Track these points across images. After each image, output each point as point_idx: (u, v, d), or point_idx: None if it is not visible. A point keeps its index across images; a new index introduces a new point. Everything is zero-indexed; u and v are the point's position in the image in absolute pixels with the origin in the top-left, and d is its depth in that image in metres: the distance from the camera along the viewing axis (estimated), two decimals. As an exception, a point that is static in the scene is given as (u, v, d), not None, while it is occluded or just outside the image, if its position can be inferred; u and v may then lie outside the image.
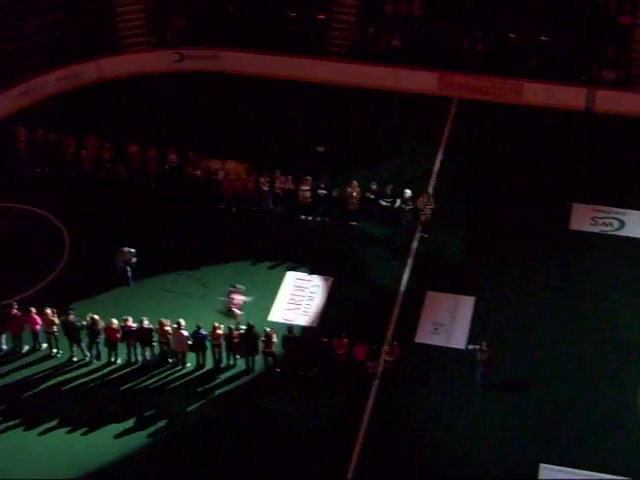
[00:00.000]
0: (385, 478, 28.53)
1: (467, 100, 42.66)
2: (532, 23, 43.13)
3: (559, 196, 37.55)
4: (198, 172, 37.60)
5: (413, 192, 35.89)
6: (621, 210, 36.82)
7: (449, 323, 32.65)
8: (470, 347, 30.62)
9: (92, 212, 37.37)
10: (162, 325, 30.97)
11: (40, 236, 36.45)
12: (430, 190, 37.14)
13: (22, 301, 32.85)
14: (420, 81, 43.16)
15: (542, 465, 28.41)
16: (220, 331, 30.87)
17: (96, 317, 31.11)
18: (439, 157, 39.51)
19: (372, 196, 36.13)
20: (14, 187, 38.35)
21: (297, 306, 33.42)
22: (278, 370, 31.13)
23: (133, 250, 34.19)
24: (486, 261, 35.06)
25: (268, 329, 30.91)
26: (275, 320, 32.69)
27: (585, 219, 36.57)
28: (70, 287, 33.95)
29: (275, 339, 30.69)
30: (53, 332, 31.48)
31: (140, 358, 31.58)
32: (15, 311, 31.49)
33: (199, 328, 30.88)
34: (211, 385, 30.98)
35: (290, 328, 31.20)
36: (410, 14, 44.33)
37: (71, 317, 31.14)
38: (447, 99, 42.85)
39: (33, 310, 31.41)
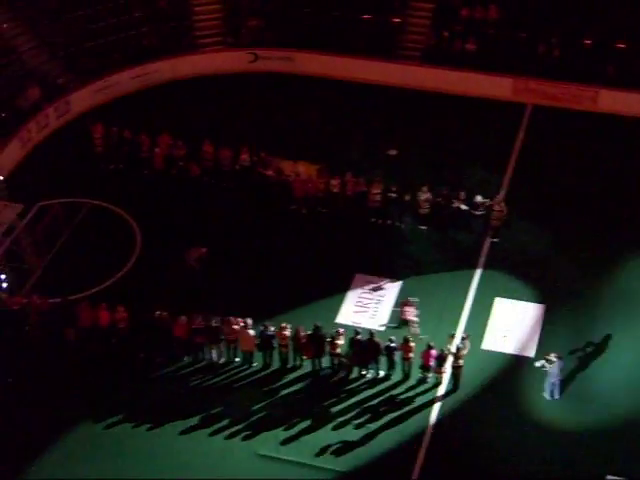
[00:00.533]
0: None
1: (541, 107, 42.29)
2: (609, 29, 42.66)
3: (633, 204, 37.07)
4: (270, 172, 37.73)
5: (484, 198, 35.66)
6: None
7: (518, 331, 32.39)
8: (538, 364, 30.20)
9: (164, 209, 37.67)
10: (230, 323, 31.14)
11: (113, 232, 36.83)
12: (502, 196, 36.85)
13: (92, 296, 33.31)
14: (494, 86, 42.87)
15: (609, 477, 27.98)
16: (287, 332, 30.91)
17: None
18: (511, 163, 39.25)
19: (443, 201, 35.98)
20: (88, 183, 38.81)
21: (365, 309, 33.37)
22: (343, 373, 31.13)
23: (204, 249, 34.45)
24: (558, 268, 34.69)
25: (340, 330, 30.95)
26: (343, 322, 32.66)
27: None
28: (140, 284, 34.29)
29: (342, 341, 30.68)
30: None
31: (209, 357, 31.75)
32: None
33: (265, 328, 30.98)
34: (277, 385, 31.08)
35: (357, 331, 31.15)
36: (486, 18, 44.10)
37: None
38: (521, 105, 42.53)
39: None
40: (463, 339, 30.85)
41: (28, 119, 40.92)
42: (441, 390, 30.66)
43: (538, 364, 30.10)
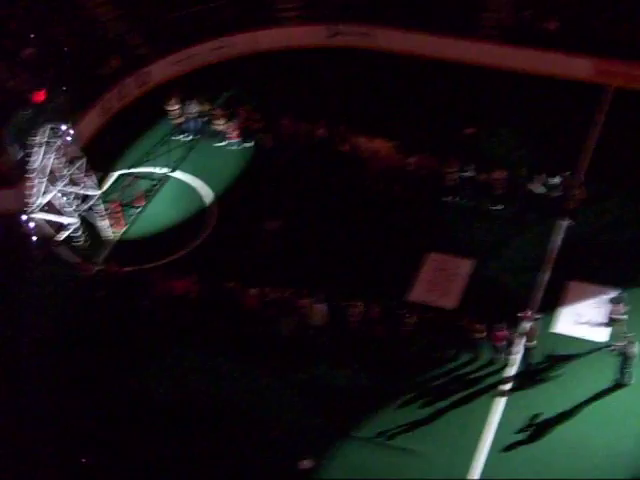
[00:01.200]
0: (516, 466, 28.23)
1: (623, 89, 41.65)
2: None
3: None
4: (346, 148, 37.71)
5: (561, 179, 35.31)
6: None
7: (591, 315, 32.08)
8: (613, 345, 29.96)
9: (240, 181, 37.86)
10: (302, 297, 31.27)
11: (188, 202, 37.15)
12: (581, 178, 36.44)
13: (167, 265, 33.65)
14: (575, 67, 42.28)
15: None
16: (358, 309, 30.95)
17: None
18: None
19: (519, 181, 35.72)
20: (166, 154, 39.11)
21: (437, 287, 33.29)
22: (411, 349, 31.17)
23: (278, 222, 34.60)
24: (635, 253, 34.26)
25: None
26: (414, 300, 32.62)
27: None
28: (214, 255, 34.55)
29: (413, 320, 30.67)
30: None
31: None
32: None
33: (337, 303, 31.02)
34: (345, 362, 31.15)
35: (429, 309, 31.10)
36: (569, -3, 43.59)
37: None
38: (602, 87, 41.94)
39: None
40: (534, 320, 30.61)
41: (108, 89, 41.35)
42: (511, 371, 30.52)
43: (612, 347, 29.86)
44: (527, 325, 30.57)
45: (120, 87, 41.74)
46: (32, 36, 40.84)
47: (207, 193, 37.40)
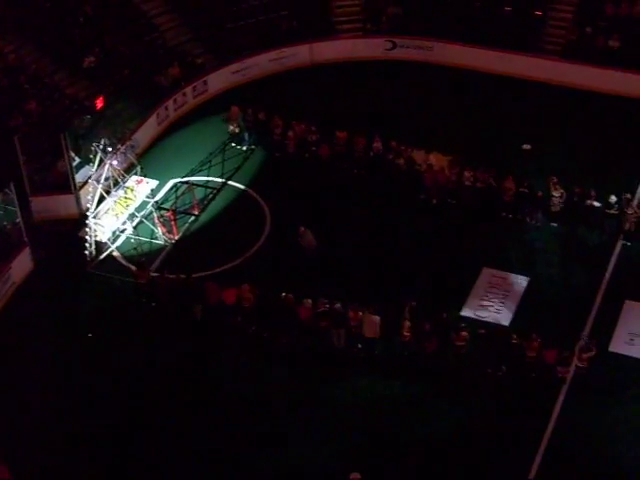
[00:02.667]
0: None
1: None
2: None
3: None
4: (401, 161, 37.61)
5: (619, 198, 34.94)
6: None
7: (646, 335, 31.75)
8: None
9: (295, 192, 37.89)
10: (353, 310, 31.19)
11: (243, 212, 37.20)
12: (637, 199, 36.09)
13: (220, 275, 33.76)
14: (636, 85, 41.89)
15: None
16: (407, 322, 30.81)
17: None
18: None
19: (576, 198, 35.39)
20: (222, 163, 39.22)
21: (491, 303, 33.05)
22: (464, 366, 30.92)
23: (313, 237, 34.50)
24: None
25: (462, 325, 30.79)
26: (467, 315, 32.40)
27: None
28: (267, 265, 34.58)
29: (466, 333, 30.44)
30: None
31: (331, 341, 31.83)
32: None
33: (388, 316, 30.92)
34: (394, 374, 31.00)
35: (482, 325, 30.87)
36: (631, 14, 43.10)
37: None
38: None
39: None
40: (589, 341, 30.24)
41: (167, 97, 41.62)
42: (563, 389, 30.18)
43: None
44: (581, 345, 30.23)
45: (178, 95, 41.94)
46: (93, 45, 41.25)
47: (262, 203, 37.43)
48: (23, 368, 31.28)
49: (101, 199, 34.84)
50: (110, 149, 34.16)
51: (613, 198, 34.92)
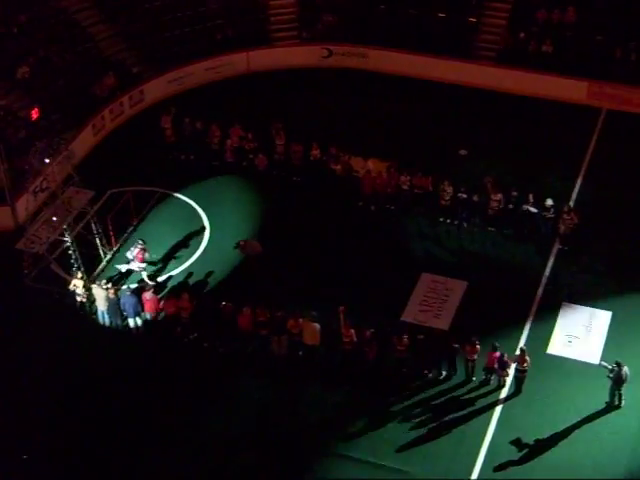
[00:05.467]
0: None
1: (616, 111, 41.77)
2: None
3: None
4: (339, 167, 37.73)
5: (555, 202, 35.31)
6: None
7: (583, 336, 32.07)
8: (603, 364, 30.02)
9: (233, 201, 37.84)
10: (293, 318, 31.19)
11: (181, 221, 37.09)
12: (571, 203, 36.52)
13: (159, 286, 33.66)
14: (569, 89, 42.42)
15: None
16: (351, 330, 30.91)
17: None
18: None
19: (512, 203, 35.75)
20: (159, 172, 39.12)
21: (430, 308, 33.24)
22: (404, 370, 31.04)
23: (259, 247, 34.50)
24: (627, 276, 34.27)
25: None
26: (407, 321, 32.55)
27: None
28: (206, 274, 34.49)
29: (406, 340, 30.59)
30: None
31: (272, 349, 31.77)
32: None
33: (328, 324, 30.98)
34: (338, 382, 31.05)
35: (421, 330, 31.04)
36: (563, 20, 43.65)
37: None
38: (595, 109, 42.05)
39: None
40: (524, 349, 30.54)
41: (102, 107, 41.37)
42: (503, 393, 30.44)
43: (603, 364, 29.94)
44: (519, 347, 30.52)
45: (114, 105, 41.71)
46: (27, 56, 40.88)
47: (200, 213, 37.34)
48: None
49: (38, 211, 34.51)
50: (47, 160, 33.85)
51: (549, 202, 35.27)
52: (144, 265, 33.68)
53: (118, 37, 44.02)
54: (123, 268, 33.93)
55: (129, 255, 33.74)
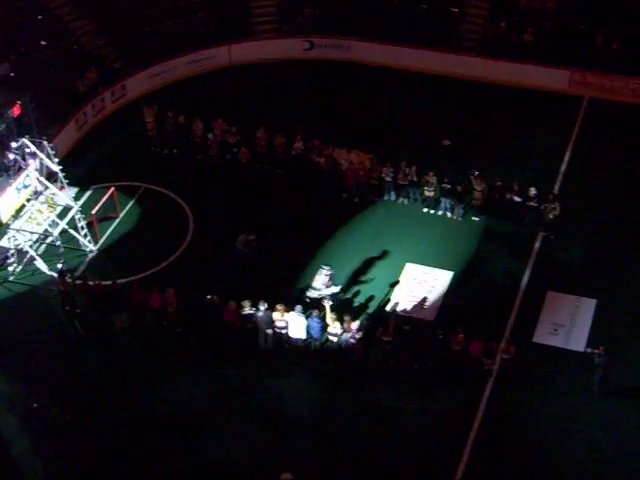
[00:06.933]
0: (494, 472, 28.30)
1: (598, 99, 41.91)
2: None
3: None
4: (322, 160, 37.72)
5: (539, 191, 35.38)
6: None
7: (569, 325, 32.18)
8: (589, 350, 30.14)
9: (217, 195, 37.82)
10: (276, 311, 31.23)
11: (165, 216, 37.05)
12: (556, 190, 36.62)
13: (145, 279, 33.60)
14: (551, 78, 42.55)
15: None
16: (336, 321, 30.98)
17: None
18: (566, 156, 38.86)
19: (496, 192, 35.82)
20: (143, 167, 39.07)
21: (415, 298, 33.29)
22: (392, 362, 31.08)
23: (253, 236, 34.49)
24: (611, 264, 34.39)
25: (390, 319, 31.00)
26: (393, 311, 32.55)
27: None
28: (191, 268, 34.45)
29: (392, 331, 30.62)
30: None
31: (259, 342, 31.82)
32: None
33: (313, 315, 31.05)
34: (323, 372, 31.11)
35: (407, 320, 31.07)
36: (544, 9, 43.71)
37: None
38: (578, 98, 42.16)
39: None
40: (509, 339, 30.61)
41: (85, 102, 41.26)
42: (489, 383, 30.52)
43: (589, 350, 30.05)
44: (505, 336, 30.60)
45: (96, 101, 41.60)
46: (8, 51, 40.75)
47: (184, 206, 37.30)
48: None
49: (21, 207, 34.42)
50: (30, 156, 33.77)
51: (533, 191, 35.33)
52: (337, 288, 32.67)
53: (100, 32, 43.87)
54: (315, 294, 32.60)
55: (317, 284, 32.48)
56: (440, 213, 36.62)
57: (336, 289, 32.42)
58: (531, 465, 28.38)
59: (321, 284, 32.32)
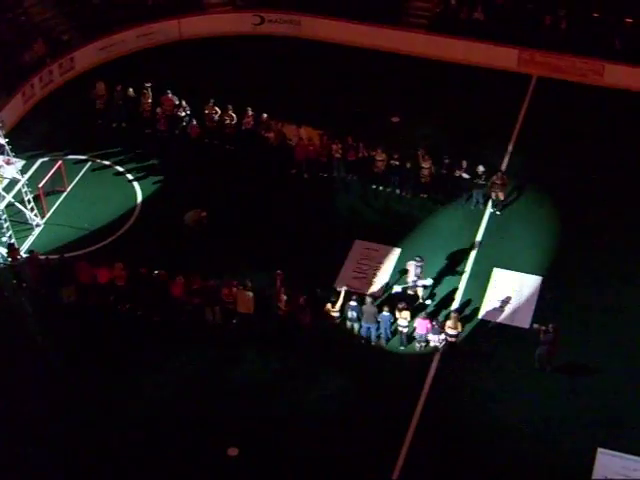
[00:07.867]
0: (440, 457, 28.45)
1: (546, 78, 42.20)
2: (617, 3, 42.43)
3: (633, 178, 37.05)
4: (271, 135, 37.67)
5: (486, 168, 35.61)
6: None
7: (515, 301, 32.50)
8: (536, 326, 30.42)
9: (165, 169, 37.68)
10: (228, 286, 31.23)
11: (113, 190, 36.85)
12: (503, 168, 36.90)
13: (92, 255, 33.45)
14: (500, 57, 42.73)
15: (600, 450, 28.17)
16: (284, 296, 31.03)
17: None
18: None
19: (444, 169, 36.00)
20: (91, 140, 38.80)
21: (363, 275, 33.43)
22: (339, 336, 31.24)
23: (204, 212, 34.46)
24: (557, 241, 34.73)
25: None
26: (340, 288, 32.70)
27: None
28: (139, 243, 34.35)
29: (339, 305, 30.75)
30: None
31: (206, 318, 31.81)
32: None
33: (263, 291, 31.02)
34: (273, 349, 31.21)
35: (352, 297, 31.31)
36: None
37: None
38: (526, 76, 42.43)
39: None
40: (455, 313, 30.91)
41: (32, 74, 40.85)
42: (436, 359, 30.78)
43: (536, 326, 30.34)
44: (451, 312, 30.86)
45: (44, 73, 41.21)
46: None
47: (132, 181, 37.14)
48: None
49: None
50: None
51: (481, 168, 35.54)
52: (430, 281, 32.69)
53: (47, 3, 43.40)
54: (410, 290, 32.60)
55: (412, 277, 32.47)
56: (389, 190, 36.72)
57: (428, 281, 32.51)
58: (473, 440, 28.67)
59: (414, 276, 32.41)
